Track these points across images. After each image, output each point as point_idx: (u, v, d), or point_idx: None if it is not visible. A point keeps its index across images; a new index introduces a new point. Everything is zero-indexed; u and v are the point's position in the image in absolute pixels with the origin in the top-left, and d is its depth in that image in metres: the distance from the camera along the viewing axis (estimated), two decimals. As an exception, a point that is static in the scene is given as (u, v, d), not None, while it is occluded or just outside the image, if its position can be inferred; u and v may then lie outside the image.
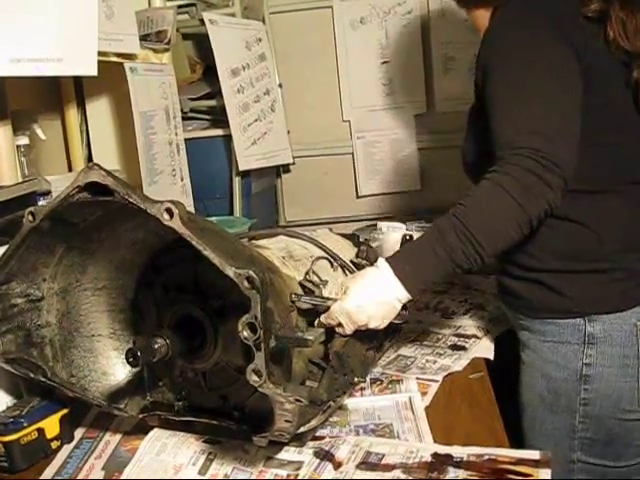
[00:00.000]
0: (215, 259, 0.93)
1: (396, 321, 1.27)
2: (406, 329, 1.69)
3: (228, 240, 1.05)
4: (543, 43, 1.25)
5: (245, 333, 0.92)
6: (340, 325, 1.21)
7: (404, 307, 1.25)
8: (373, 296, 1.20)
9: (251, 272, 0.91)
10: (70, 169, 2.13)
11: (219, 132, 2.44)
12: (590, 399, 1.34)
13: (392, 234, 2.10)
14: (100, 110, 2.18)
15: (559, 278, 1.34)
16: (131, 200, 0.98)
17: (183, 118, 2.28)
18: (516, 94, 1.22)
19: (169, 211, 0.95)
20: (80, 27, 1.41)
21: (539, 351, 1.39)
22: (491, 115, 1.24)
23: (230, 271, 0.92)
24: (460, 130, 2.71)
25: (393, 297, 1.20)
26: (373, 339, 1.44)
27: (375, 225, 2.39)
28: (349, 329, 1.22)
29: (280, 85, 2.70)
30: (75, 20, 1.39)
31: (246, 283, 0.92)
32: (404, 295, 1.20)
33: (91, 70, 1.47)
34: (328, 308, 1.21)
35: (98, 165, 1.00)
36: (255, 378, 0.93)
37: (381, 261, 1.22)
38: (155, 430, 1.24)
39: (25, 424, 1.22)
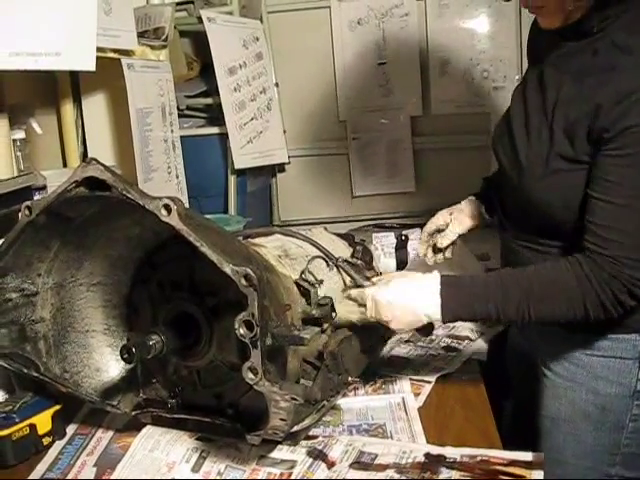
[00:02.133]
0: (213, 256, 0.93)
1: (419, 334, 1.31)
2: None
3: (225, 237, 1.05)
4: None
5: (242, 330, 0.92)
6: (364, 306, 1.24)
7: (431, 326, 1.26)
8: (407, 301, 1.22)
9: (249, 270, 0.91)
10: (65, 165, 2.12)
11: (215, 130, 2.44)
12: None
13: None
14: (96, 106, 2.18)
15: None
16: (129, 196, 0.98)
17: (179, 115, 2.28)
18: None
19: (167, 207, 0.95)
20: (79, 22, 1.41)
21: (587, 366, 1.33)
22: (614, 203, 1.14)
23: (228, 268, 0.92)
24: (455, 133, 2.76)
25: (424, 312, 1.21)
26: (368, 340, 1.44)
27: (370, 226, 2.39)
28: (370, 316, 1.24)
29: (277, 84, 2.70)
30: (74, 15, 1.39)
31: (243, 281, 0.92)
32: (436, 317, 1.21)
33: (89, 65, 1.47)
34: (362, 286, 1.25)
35: (96, 160, 1.00)
36: (251, 376, 0.92)
37: (436, 275, 1.22)
38: (148, 427, 1.24)
39: (17, 420, 1.21)
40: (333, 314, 1.25)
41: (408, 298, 1.22)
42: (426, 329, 1.27)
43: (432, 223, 1.55)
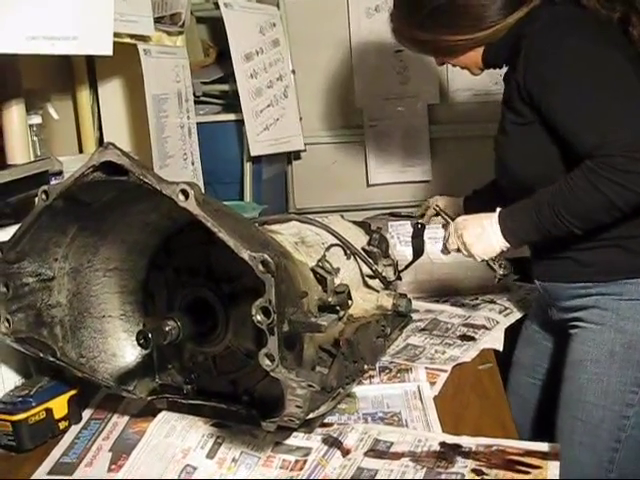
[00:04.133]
0: (230, 241, 0.92)
1: (499, 273, 1.58)
2: (415, 318, 1.69)
3: (242, 223, 1.04)
4: (601, 49, 1.33)
5: (259, 317, 0.91)
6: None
7: (504, 267, 1.57)
8: (479, 220, 1.45)
9: (266, 255, 0.91)
10: (81, 150, 2.12)
11: (231, 117, 2.43)
12: None
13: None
14: (112, 92, 2.17)
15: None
16: (146, 180, 0.97)
17: (195, 102, 2.28)
18: (593, 99, 1.30)
19: (184, 192, 0.95)
20: (96, 6, 1.40)
21: (614, 309, 1.43)
22: (567, 124, 1.33)
23: (245, 254, 0.92)
24: (473, 121, 2.74)
25: (494, 239, 1.42)
26: (383, 327, 1.43)
27: (386, 214, 2.37)
28: (451, 241, 1.50)
29: (293, 71, 2.68)
30: (91, -1, 1.39)
31: (261, 267, 0.91)
32: (503, 242, 1.41)
33: (106, 50, 1.46)
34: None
35: (113, 145, 1.00)
36: (267, 362, 0.92)
37: (497, 211, 1.42)
38: (163, 413, 1.24)
39: (33, 404, 1.22)
40: (350, 302, 1.25)
41: (478, 217, 1.46)
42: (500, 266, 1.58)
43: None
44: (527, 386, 1.71)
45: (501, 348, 1.56)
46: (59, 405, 1.25)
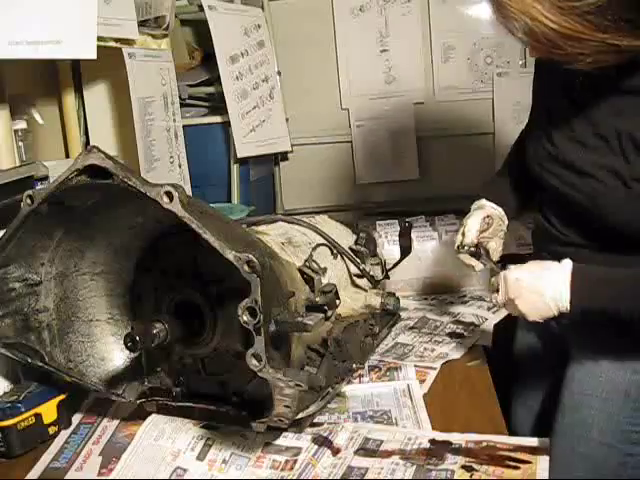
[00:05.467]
0: (215, 243, 0.93)
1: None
2: (404, 316, 1.69)
3: (228, 225, 1.05)
4: None
5: (245, 317, 0.91)
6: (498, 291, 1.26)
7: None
8: (537, 281, 1.21)
9: (251, 256, 0.91)
10: (67, 155, 2.12)
11: (217, 119, 2.43)
12: None
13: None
14: (98, 96, 2.17)
15: None
16: (130, 183, 0.97)
17: (181, 105, 2.28)
18: None
19: (169, 194, 0.95)
20: (79, 10, 1.40)
21: (633, 349, 1.31)
22: None
23: (230, 255, 0.92)
24: (459, 119, 2.75)
25: (552, 298, 1.19)
26: (371, 326, 1.44)
27: (374, 214, 2.38)
28: (500, 299, 1.25)
29: (279, 72, 2.68)
30: (74, 3, 1.38)
31: (246, 267, 0.91)
32: (564, 306, 1.18)
33: (90, 54, 1.46)
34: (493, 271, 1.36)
35: (97, 148, 0.99)
36: (255, 362, 0.92)
37: (568, 263, 1.20)
38: (153, 416, 1.24)
39: (22, 409, 1.21)
40: (337, 301, 1.25)
41: (538, 279, 1.20)
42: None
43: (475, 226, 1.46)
44: (533, 394, 1.60)
45: (490, 345, 1.56)
46: (48, 410, 1.25)
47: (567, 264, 1.20)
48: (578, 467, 1.36)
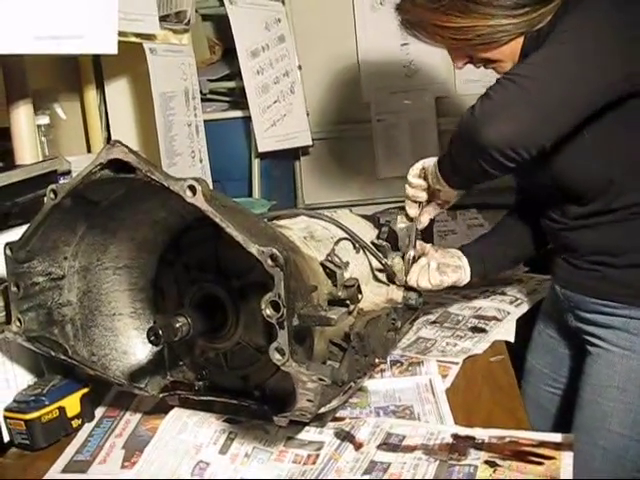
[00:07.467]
0: (238, 236, 0.92)
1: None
2: (426, 310, 1.69)
3: (251, 218, 1.04)
4: None
5: (268, 311, 0.91)
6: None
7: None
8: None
9: (275, 250, 0.90)
10: (89, 150, 2.13)
11: (238, 114, 2.43)
12: None
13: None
14: (119, 91, 2.18)
15: None
16: (154, 177, 0.97)
17: (202, 99, 2.28)
18: None
19: (192, 188, 0.95)
20: (101, 4, 1.40)
21: None
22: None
23: (253, 248, 0.92)
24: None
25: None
26: (393, 321, 1.43)
27: (395, 208, 2.37)
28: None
29: (299, 67, 2.68)
30: (95, -3, 1.39)
31: (269, 261, 0.91)
32: None
33: (111, 49, 1.46)
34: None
35: (120, 142, 1.00)
36: (278, 356, 0.92)
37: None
38: (175, 409, 1.24)
39: (46, 402, 1.22)
40: (359, 296, 1.24)
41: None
42: None
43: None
44: (548, 396, 1.60)
45: (513, 339, 1.55)
46: (72, 403, 1.26)
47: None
48: (599, 460, 1.35)
